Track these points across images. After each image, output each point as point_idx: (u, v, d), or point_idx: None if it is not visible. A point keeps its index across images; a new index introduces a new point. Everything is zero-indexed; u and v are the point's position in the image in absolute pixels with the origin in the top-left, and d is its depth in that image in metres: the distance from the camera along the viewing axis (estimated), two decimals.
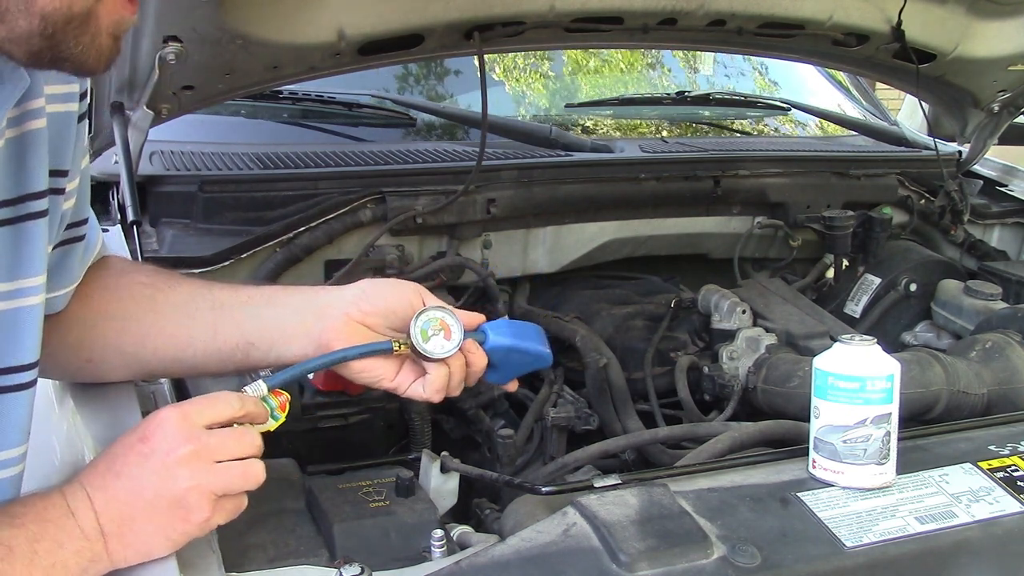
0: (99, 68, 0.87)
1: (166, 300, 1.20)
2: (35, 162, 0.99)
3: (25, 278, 0.99)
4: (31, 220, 0.99)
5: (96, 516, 0.93)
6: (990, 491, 1.14)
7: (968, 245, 2.34)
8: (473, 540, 1.14)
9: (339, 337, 1.14)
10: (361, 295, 1.17)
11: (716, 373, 1.73)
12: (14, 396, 0.99)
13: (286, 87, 2.07)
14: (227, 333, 1.17)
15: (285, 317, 1.18)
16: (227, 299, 1.19)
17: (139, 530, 0.94)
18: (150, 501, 0.94)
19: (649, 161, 2.11)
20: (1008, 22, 2.03)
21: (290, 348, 1.17)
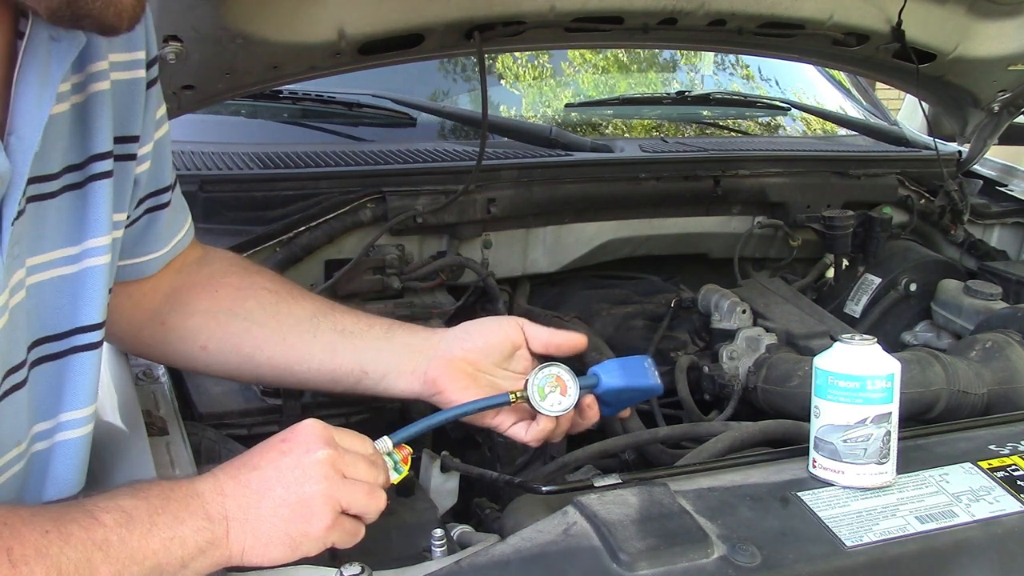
0: (122, 25, 0.86)
1: (290, 312, 1.25)
2: (100, 124, 1.01)
3: (92, 239, 1.01)
4: (96, 181, 1.01)
5: (224, 500, 0.94)
6: (990, 491, 1.14)
7: (968, 245, 2.34)
8: (473, 539, 1.14)
9: (443, 375, 1.20)
10: (463, 334, 1.24)
11: (716, 373, 1.73)
12: (85, 355, 1.02)
13: (286, 87, 2.07)
14: (344, 358, 1.23)
15: (400, 353, 1.24)
16: (349, 325, 1.25)
17: (263, 522, 0.94)
18: (279, 496, 0.95)
19: (649, 161, 2.11)
20: (1008, 22, 2.03)
21: (398, 384, 1.24)
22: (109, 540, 0.86)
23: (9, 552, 0.80)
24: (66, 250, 1.00)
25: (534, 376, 1.17)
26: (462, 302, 1.90)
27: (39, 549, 0.82)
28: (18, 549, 0.81)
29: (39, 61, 0.90)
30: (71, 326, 1.02)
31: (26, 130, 0.90)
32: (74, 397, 1.03)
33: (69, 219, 1.00)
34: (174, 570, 0.90)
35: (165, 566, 0.89)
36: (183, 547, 0.90)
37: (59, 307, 1.00)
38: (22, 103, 0.90)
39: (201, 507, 0.93)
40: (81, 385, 1.03)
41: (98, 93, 1.01)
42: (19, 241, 0.93)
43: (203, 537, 0.92)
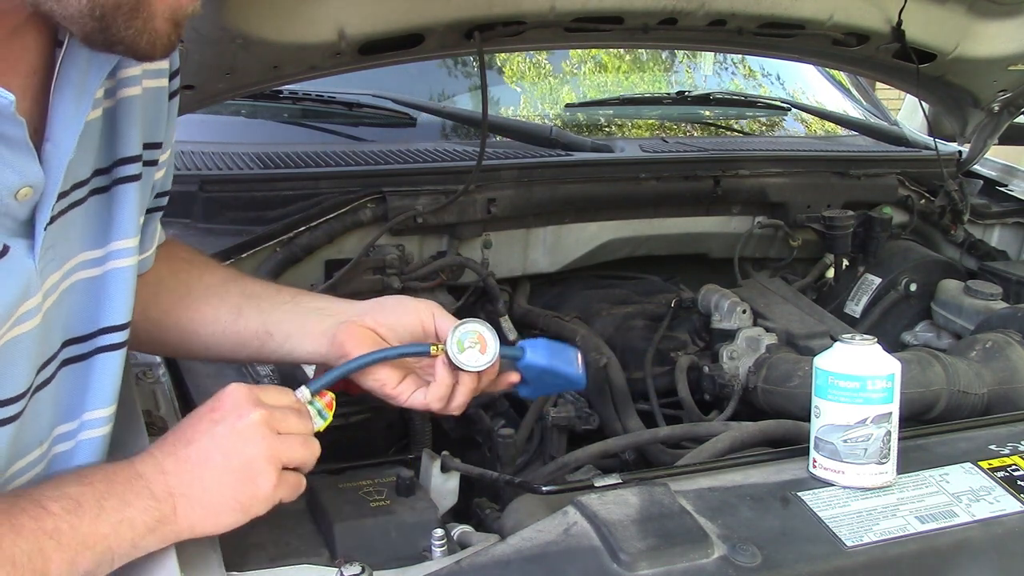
0: (155, 54, 0.87)
1: (200, 279, 1.25)
2: (129, 128, 1.02)
3: (117, 240, 1.02)
4: (124, 184, 1.02)
5: (166, 478, 0.94)
6: (990, 490, 1.14)
7: (968, 245, 2.34)
8: (474, 539, 1.14)
9: (351, 339, 1.17)
10: (377, 306, 1.22)
11: (716, 373, 1.73)
12: (109, 356, 1.04)
13: (286, 87, 2.07)
14: (248, 319, 1.22)
15: (306, 316, 1.22)
16: (257, 290, 1.25)
17: (210, 493, 0.95)
18: (220, 464, 0.96)
19: (649, 161, 2.11)
20: (1008, 22, 2.03)
21: (304, 345, 1.21)
22: (60, 528, 0.87)
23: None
24: (92, 252, 1.01)
25: (454, 330, 1.14)
26: (462, 302, 1.90)
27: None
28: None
29: (78, 69, 0.91)
30: (96, 327, 1.03)
31: (62, 137, 0.91)
32: (97, 397, 1.04)
33: (96, 222, 1.01)
34: (125, 551, 0.91)
35: (116, 548, 0.90)
36: (132, 528, 0.91)
37: (85, 309, 1.02)
38: (59, 111, 0.91)
39: (145, 487, 0.94)
40: (105, 385, 1.04)
41: (130, 98, 1.02)
42: (53, 246, 0.94)
43: (151, 516, 0.92)
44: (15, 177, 0.86)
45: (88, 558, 0.88)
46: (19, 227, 0.90)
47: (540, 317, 1.92)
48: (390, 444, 1.64)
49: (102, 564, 0.90)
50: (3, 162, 0.85)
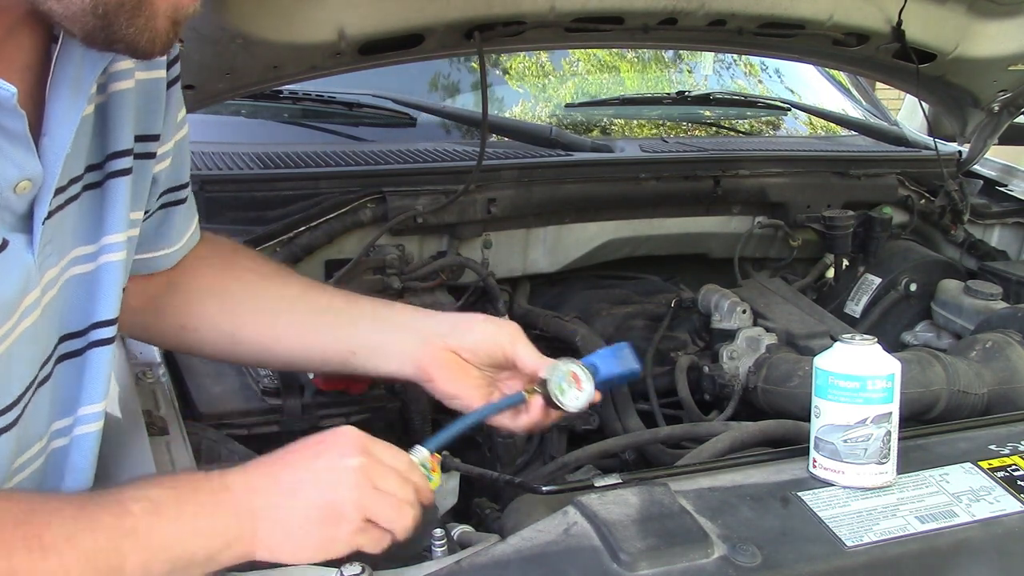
0: (154, 51, 0.88)
1: (275, 292, 1.25)
2: (120, 122, 1.02)
3: (108, 235, 1.02)
4: (115, 178, 1.02)
5: (252, 497, 0.94)
6: (990, 490, 1.14)
7: (968, 245, 2.34)
8: (474, 539, 1.14)
9: (435, 364, 1.21)
10: (458, 327, 1.23)
11: (716, 373, 1.73)
12: (101, 350, 1.04)
13: (286, 87, 2.07)
14: (331, 337, 1.23)
15: (387, 334, 1.23)
16: (336, 305, 1.25)
17: (293, 522, 0.94)
18: (309, 497, 0.95)
19: (649, 161, 2.11)
20: (1008, 22, 2.03)
21: (388, 364, 1.23)
22: (137, 528, 0.86)
23: (40, 538, 0.81)
24: (85, 248, 1.01)
25: (552, 374, 1.18)
26: (462, 302, 1.90)
27: (69, 536, 0.83)
28: (48, 536, 0.82)
29: (73, 65, 0.92)
30: (89, 322, 1.03)
31: (59, 131, 0.91)
32: (91, 392, 1.04)
33: (89, 217, 1.01)
34: (200, 561, 0.90)
35: (191, 556, 0.90)
36: (209, 539, 0.91)
37: (79, 304, 1.02)
38: (56, 106, 0.91)
39: (230, 501, 0.93)
40: (98, 380, 1.05)
41: (121, 92, 1.02)
42: (51, 241, 0.94)
43: (231, 533, 0.92)
44: (14, 171, 0.87)
45: (164, 560, 0.88)
46: (17, 222, 0.90)
47: (540, 317, 1.92)
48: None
49: (176, 570, 0.89)
50: (3, 155, 0.86)
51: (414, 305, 1.74)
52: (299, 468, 0.97)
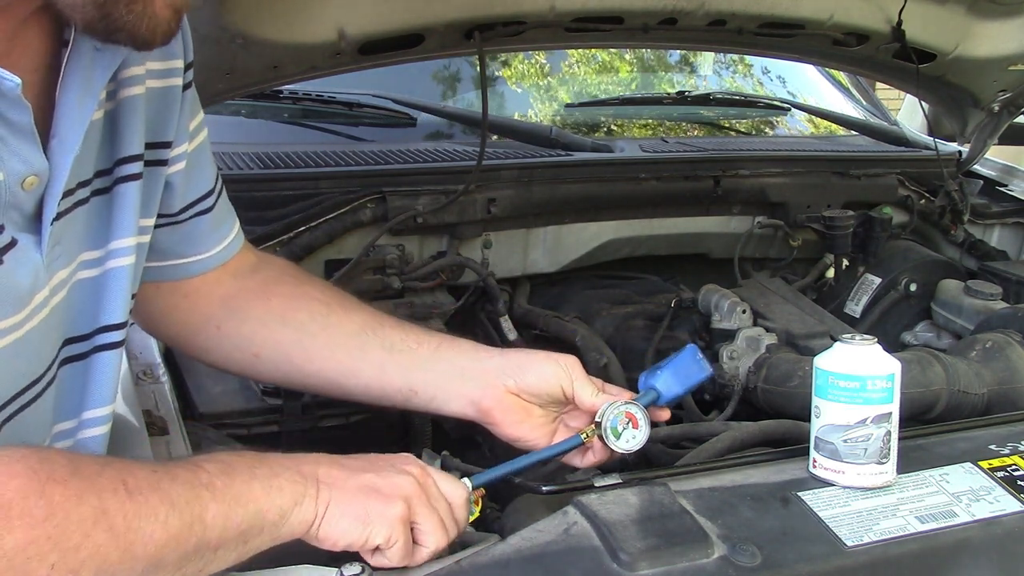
0: (155, 41, 0.88)
1: (339, 325, 1.26)
2: (131, 127, 1.03)
3: (116, 240, 1.03)
4: (124, 183, 1.03)
5: (316, 467, 0.97)
6: (990, 490, 1.14)
7: (968, 245, 2.34)
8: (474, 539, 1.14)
9: (499, 408, 1.22)
10: (518, 368, 1.24)
11: (716, 373, 1.73)
12: (107, 355, 1.05)
13: (286, 87, 2.07)
14: (392, 376, 1.25)
15: (449, 375, 1.25)
16: (396, 342, 1.26)
17: (347, 494, 0.97)
18: (368, 480, 0.98)
19: (649, 161, 2.11)
20: (1008, 22, 2.03)
21: (449, 406, 1.25)
22: (214, 483, 0.89)
23: (125, 483, 0.83)
24: (92, 253, 1.02)
25: (606, 417, 1.18)
26: (462, 302, 1.90)
27: (151, 482, 0.85)
28: (132, 481, 0.84)
29: (83, 68, 0.92)
30: (95, 326, 1.04)
31: (68, 133, 0.91)
32: (96, 396, 1.05)
33: (96, 222, 1.02)
34: (274, 519, 0.92)
35: (266, 512, 0.92)
36: (281, 496, 0.93)
37: (84, 308, 1.02)
38: (65, 108, 0.92)
39: (295, 465, 0.96)
40: (104, 384, 1.05)
41: (131, 98, 1.03)
42: (59, 242, 0.95)
43: (297, 490, 0.94)
44: (21, 166, 0.87)
45: (241, 515, 0.89)
46: (26, 222, 0.91)
47: (540, 317, 1.92)
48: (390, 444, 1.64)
49: (254, 527, 0.91)
50: (9, 150, 0.86)
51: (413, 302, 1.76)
52: (361, 460, 1.02)
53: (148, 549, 0.82)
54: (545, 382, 1.23)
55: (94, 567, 0.79)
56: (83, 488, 0.80)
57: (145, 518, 0.82)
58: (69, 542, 0.77)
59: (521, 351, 1.30)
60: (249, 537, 0.91)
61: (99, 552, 0.79)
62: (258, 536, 0.92)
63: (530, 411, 1.23)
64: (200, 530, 0.86)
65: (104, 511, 0.80)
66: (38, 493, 0.77)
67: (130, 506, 0.82)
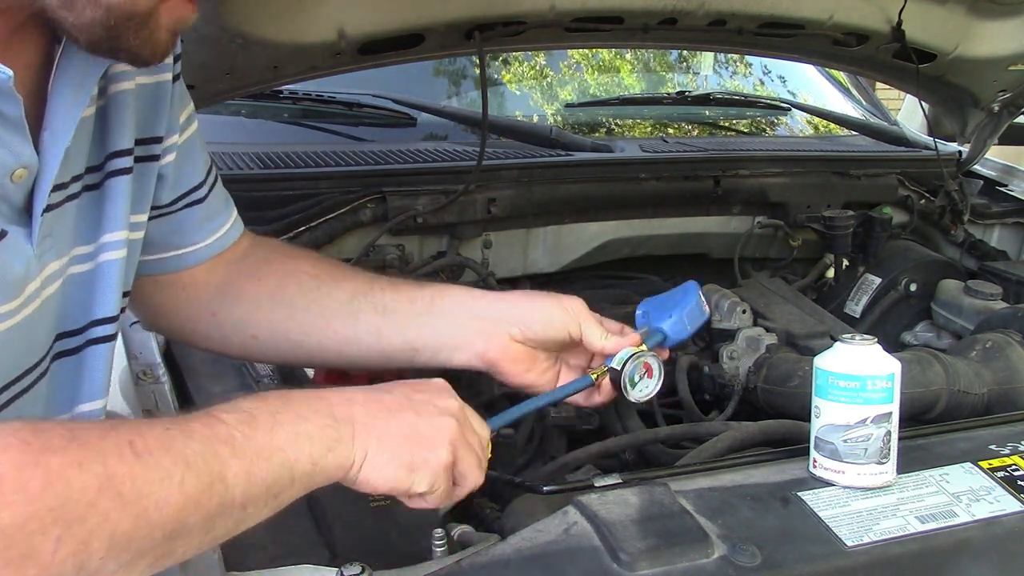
0: (153, 61, 0.90)
1: (330, 296, 1.25)
2: (120, 123, 1.03)
3: (108, 234, 1.03)
4: (114, 177, 1.03)
5: (352, 407, 0.93)
6: (990, 490, 1.14)
7: (968, 245, 2.34)
8: (474, 539, 1.14)
9: (505, 358, 1.21)
10: (522, 314, 1.23)
11: (716, 373, 1.73)
12: (100, 348, 1.04)
13: (286, 87, 2.07)
14: (391, 337, 1.23)
15: (447, 328, 1.23)
16: (389, 303, 1.24)
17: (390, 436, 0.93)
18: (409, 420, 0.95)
19: (649, 161, 2.11)
20: (1008, 22, 2.03)
21: (455, 358, 1.24)
22: (233, 436, 0.84)
23: (131, 444, 0.78)
24: (83, 248, 1.02)
25: (627, 367, 1.18)
26: None
27: (163, 442, 0.80)
28: (140, 442, 0.79)
29: (76, 63, 0.93)
30: (86, 320, 1.03)
31: (60, 125, 0.92)
32: (89, 390, 1.05)
33: (87, 217, 1.02)
34: (305, 468, 0.88)
35: (294, 463, 0.87)
36: (311, 443, 0.89)
37: (76, 302, 1.02)
38: (58, 101, 0.92)
39: (327, 408, 0.92)
40: (96, 378, 1.05)
41: (121, 93, 1.03)
42: (50, 235, 0.95)
43: (328, 435, 0.90)
44: (10, 158, 0.88)
45: (266, 469, 0.85)
46: (15, 215, 0.91)
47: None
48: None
49: (282, 478, 0.87)
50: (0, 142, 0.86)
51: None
52: (399, 395, 0.98)
53: (165, 514, 0.78)
54: (552, 328, 1.22)
55: (105, 537, 0.74)
56: (84, 455, 0.75)
57: (157, 481, 0.78)
58: (72, 513, 0.72)
59: (522, 294, 1.29)
60: (279, 490, 0.87)
61: (108, 520, 0.74)
62: (289, 488, 0.88)
63: (536, 357, 1.23)
64: (221, 489, 0.82)
65: (109, 477, 0.75)
66: (33, 464, 0.72)
67: (139, 469, 0.77)
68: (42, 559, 0.71)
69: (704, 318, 1.27)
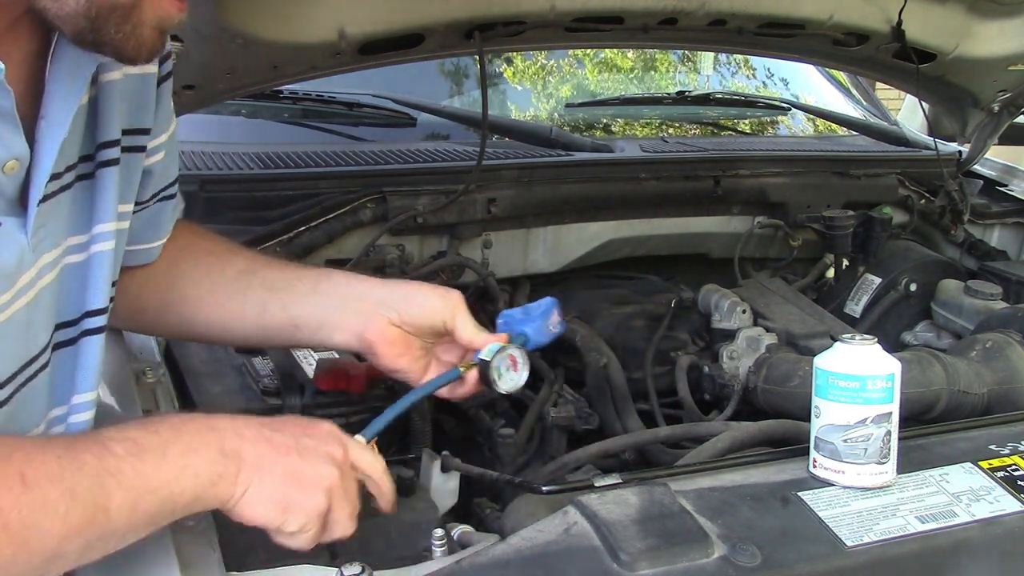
0: (139, 58, 0.91)
1: (222, 271, 1.27)
2: (109, 113, 1.04)
3: (99, 225, 1.04)
4: (104, 168, 1.04)
5: (241, 442, 0.95)
6: (990, 490, 1.14)
7: (968, 245, 2.34)
8: (474, 539, 1.14)
9: (382, 340, 1.22)
10: (400, 299, 1.24)
11: (716, 373, 1.73)
12: (91, 340, 1.05)
13: (286, 87, 2.07)
14: (275, 313, 1.25)
15: (330, 307, 1.25)
16: (277, 280, 1.26)
17: (271, 477, 0.95)
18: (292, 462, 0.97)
19: (649, 161, 2.11)
20: (1008, 22, 2.03)
21: (334, 338, 1.25)
22: (122, 469, 0.86)
23: (22, 476, 0.81)
24: (77, 238, 1.02)
25: (495, 359, 1.20)
26: None
27: (52, 473, 0.83)
28: (31, 473, 0.81)
29: (72, 54, 0.93)
30: (81, 311, 1.04)
31: (57, 115, 0.93)
32: (84, 381, 1.06)
33: (81, 207, 1.03)
34: (187, 502, 0.91)
35: (178, 495, 0.90)
36: (196, 477, 0.91)
37: (72, 293, 1.03)
38: (54, 89, 0.93)
39: (218, 441, 0.94)
40: (90, 369, 1.06)
41: (109, 83, 1.04)
42: (44, 225, 0.95)
43: (214, 470, 0.92)
44: (1, 150, 0.88)
45: (150, 502, 0.88)
46: (8, 205, 0.91)
47: None
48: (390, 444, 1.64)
49: (163, 511, 0.90)
50: None
51: None
52: (288, 436, 0.99)
53: (46, 543, 0.81)
54: (429, 314, 1.23)
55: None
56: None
57: (42, 511, 0.81)
58: None
59: (405, 282, 1.31)
60: (159, 520, 0.90)
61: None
62: (168, 517, 0.91)
63: (411, 343, 1.24)
64: (103, 520, 0.85)
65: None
66: None
67: (25, 500, 0.80)
68: None
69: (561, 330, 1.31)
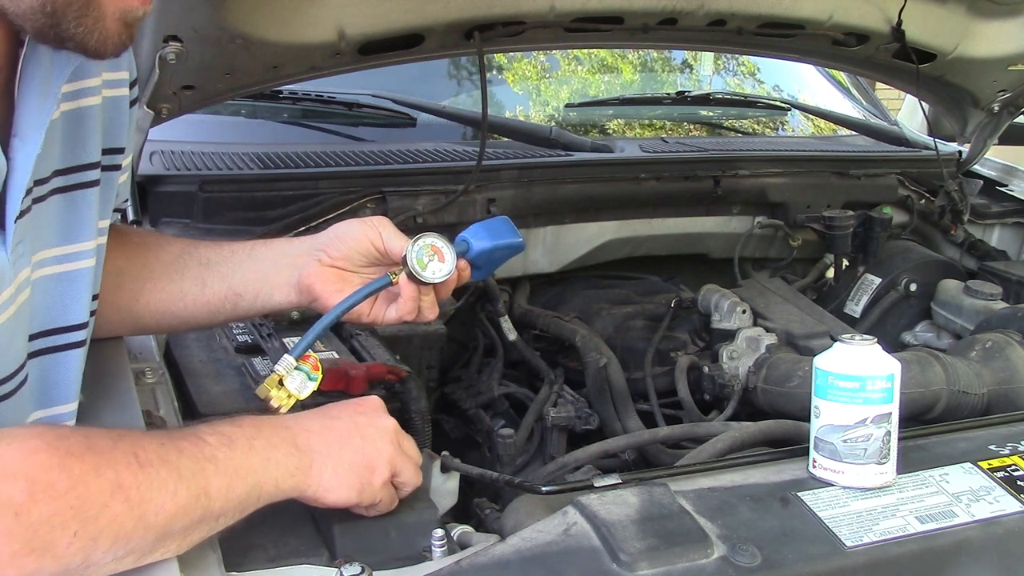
0: (105, 52, 0.92)
1: (157, 258, 1.29)
2: (89, 136, 1.07)
3: (78, 243, 1.07)
4: (84, 189, 1.07)
5: (309, 436, 1.04)
6: (990, 491, 1.14)
7: (968, 245, 2.34)
8: (473, 540, 1.14)
9: (316, 281, 1.24)
10: (330, 239, 1.26)
11: (716, 373, 1.73)
12: (69, 353, 1.08)
13: (286, 87, 2.07)
14: (215, 287, 1.27)
15: (266, 269, 1.28)
16: (212, 256, 1.29)
17: (341, 464, 1.04)
18: (356, 446, 1.06)
19: (649, 161, 2.11)
20: (1008, 22, 2.04)
21: (273, 297, 1.27)
22: (216, 456, 0.94)
23: (136, 456, 0.88)
24: (53, 251, 1.04)
25: (411, 248, 1.20)
26: (462, 302, 1.90)
27: (160, 455, 0.90)
28: (143, 454, 0.89)
29: (41, 68, 0.94)
30: (59, 324, 1.06)
31: (29, 132, 0.94)
32: (62, 393, 1.08)
33: (56, 221, 1.04)
34: (270, 490, 0.99)
35: (263, 484, 0.98)
36: (277, 468, 0.99)
37: (48, 306, 1.05)
38: (26, 107, 0.94)
39: (290, 437, 1.02)
40: (69, 381, 1.08)
41: (90, 107, 1.06)
42: (22, 240, 0.96)
43: (292, 462, 1.01)
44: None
45: (241, 488, 0.95)
46: None
47: (540, 317, 1.92)
48: None
49: (251, 497, 0.97)
50: None
51: None
52: (347, 420, 1.08)
53: (160, 519, 0.88)
54: (355, 241, 1.25)
55: (111, 535, 0.84)
56: (99, 461, 0.85)
57: (156, 489, 0.88)
58: (89, 512, 0.83)
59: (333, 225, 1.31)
60: (247, 506, 0.97)
61: (116, 521, 0.84)
62: (255, 504, 0.98)
63: (348, 279, 1.25)
64: (205, 502, 0.91)
65: (120, 484, 0.85)
66: (59, 467, 0.82)
67: (143, 478, 0.87)
68: (58, 550, 0.81)
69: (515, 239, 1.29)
